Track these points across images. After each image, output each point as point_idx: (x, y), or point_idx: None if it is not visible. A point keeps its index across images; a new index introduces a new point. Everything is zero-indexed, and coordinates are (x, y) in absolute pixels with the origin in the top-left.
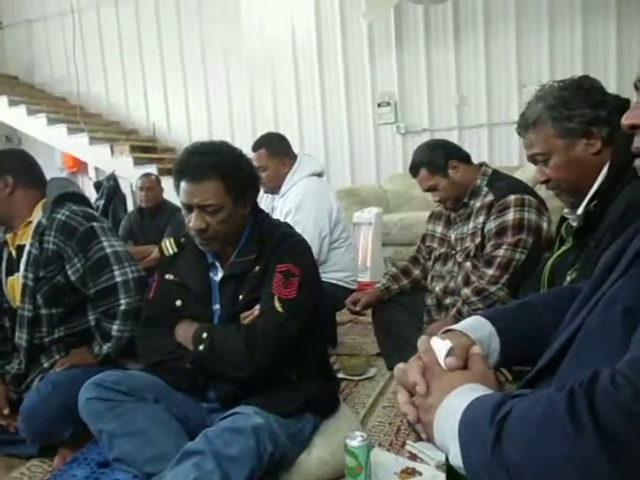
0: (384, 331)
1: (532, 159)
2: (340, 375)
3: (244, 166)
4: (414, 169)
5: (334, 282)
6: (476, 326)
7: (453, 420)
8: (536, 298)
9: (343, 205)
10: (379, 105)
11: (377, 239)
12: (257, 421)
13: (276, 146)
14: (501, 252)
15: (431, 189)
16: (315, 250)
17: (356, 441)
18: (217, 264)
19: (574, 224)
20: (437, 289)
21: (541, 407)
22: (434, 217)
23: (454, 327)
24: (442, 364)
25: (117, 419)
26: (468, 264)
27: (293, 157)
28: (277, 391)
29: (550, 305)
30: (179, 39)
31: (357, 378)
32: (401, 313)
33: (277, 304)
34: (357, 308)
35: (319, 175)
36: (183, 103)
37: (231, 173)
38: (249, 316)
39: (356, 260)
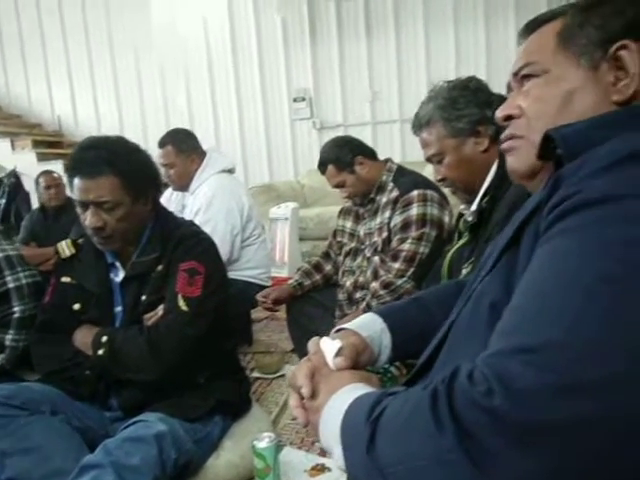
0: (298, 327)
1: (429, 160)
2: (255, 374)
3: (142, 161)
4: (322, 166)
5: (247, 280)
6: (368, 324)
7: (335, 421)
8: (427, 293)
9: (260, 201)
10: (294, 100)
11: (294, 234)
12: (160, 428)
13: (183, 142)
14: (406, 246)
15: (339, 185)
16: (227, 248)
17: (263, 442)
18: (117, 264)
19: (469, 219)
20: (348, 284)
21: (409, 406)
22: (344, 213)
23: (346, 325)
24: (331, 364)
25: (9, 436)
26: (376, 258)
27: (202, 154)
28: (184, 395)
29: (440, 300)
30: (85, 30)
31: (272, 376)
32: (314, 308)
33: (181, 303)
34: (268, 301)
35: (229, 172)
36: (91, 96)
37: (127, 168)
38: (152, 317)
39: (273, 256)
